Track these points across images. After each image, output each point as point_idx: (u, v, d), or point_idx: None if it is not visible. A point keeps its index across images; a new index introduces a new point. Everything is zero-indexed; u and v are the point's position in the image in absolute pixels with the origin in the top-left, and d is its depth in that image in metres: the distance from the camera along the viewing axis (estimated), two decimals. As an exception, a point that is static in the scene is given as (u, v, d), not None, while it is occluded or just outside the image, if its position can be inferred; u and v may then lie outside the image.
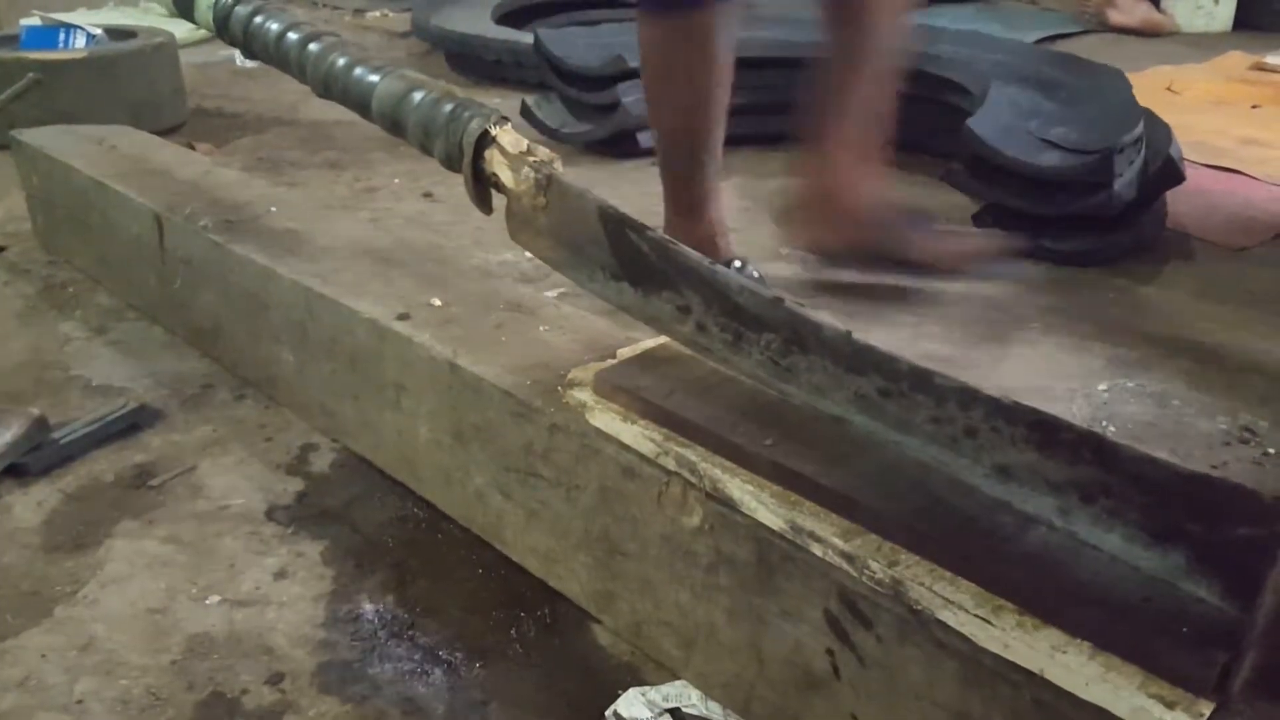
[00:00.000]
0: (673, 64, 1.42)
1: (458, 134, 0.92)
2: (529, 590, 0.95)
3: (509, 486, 0.93)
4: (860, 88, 1.46)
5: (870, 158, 1.50)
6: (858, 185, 1.48)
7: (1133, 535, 0.60)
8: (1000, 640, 0.60)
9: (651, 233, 0.80)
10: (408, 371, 1.00)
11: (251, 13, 1.16)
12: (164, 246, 1.34)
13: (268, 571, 0.98)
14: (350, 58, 1.05)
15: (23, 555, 1.00)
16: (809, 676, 0.72)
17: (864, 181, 1.49)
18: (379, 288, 1.09)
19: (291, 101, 2.68)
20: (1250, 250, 1.81)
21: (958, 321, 1.54)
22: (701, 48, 1.39)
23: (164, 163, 1.53)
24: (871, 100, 1.47)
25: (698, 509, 0.76)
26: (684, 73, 1.42)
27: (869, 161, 1.50)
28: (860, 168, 1.49)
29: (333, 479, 1.13)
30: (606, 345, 0.94)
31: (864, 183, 1.49)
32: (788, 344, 0.73)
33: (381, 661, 0.87)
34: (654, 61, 1.45)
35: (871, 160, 1.51)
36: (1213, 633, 0.56)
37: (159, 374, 1.33)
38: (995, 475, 0.64)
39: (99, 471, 1.13)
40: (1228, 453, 1.21)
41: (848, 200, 1.48)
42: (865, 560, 0.66)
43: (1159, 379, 1.38)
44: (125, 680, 0.85)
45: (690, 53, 1.40)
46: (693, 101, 1.43)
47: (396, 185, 2.11)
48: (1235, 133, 2.46)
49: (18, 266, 1.66)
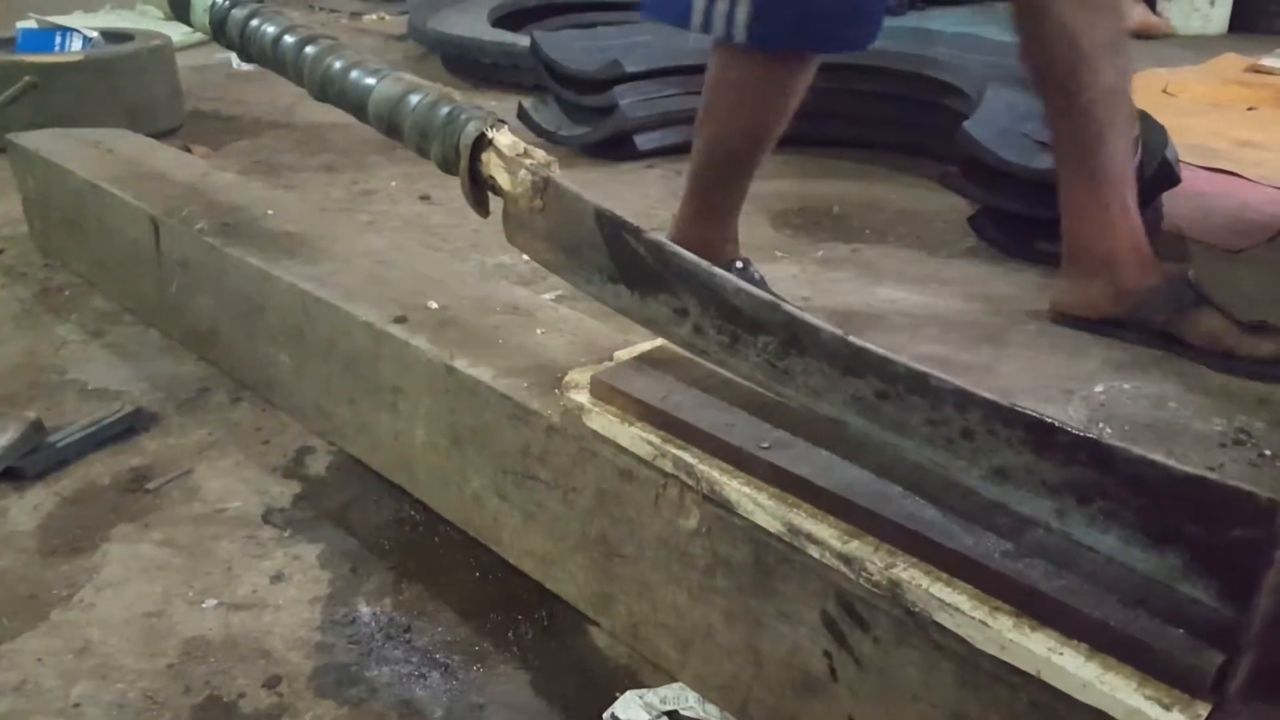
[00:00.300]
0: (756, 98, 1.43)
1: (454, 137, 0.91)
2: (526, 592, 0.95)
3: (506, 489, 0.93)
4: (1099, 145, 1.41)
5: (1127, 218, 1.44)
6: (1130, 252, 1.45)
7: (1129, 537, 0.60)
8: (997, 642, 0.60)
9: (648, 235, 0.80)
10: (405, 374, 1.00)
11: (248, 16, 1.16)
12: (160, 250, 1.34)
13: (264, 575, 0.98)
14: (347, 61, 1.05)
15: (19, 559, 1.00)
16: (806, 678, 0.72)
17: (1135, 249, 1.45)
18: (376, 290, 1.09)
19: (288, 104, 2.68)
20: (1246, 252, 1.82)
21: (954, 323, 1.54)
22: (787, 90, 1.42)
23: (160, 166, 1.53)
24: (1114, 154, 1.42)
25: (695, 511, 0.76)
26: (764, 107, 1.43)
27: (1127, 226, 1.44)
28: (1118, 235, 1.44)
29: (329, 482, 1.13)
30: (604, 347, 0.94)
31: (1135, 250, 1.45)
32: (785, 346, 0.73)
33: (379, 664, 0.87)
34: (735, 90, 1.44)
35: (1130, 222, 1.45)
36: (1209, 634, 0.56)
37: (155, 377, 1.33)
38: (992, 477, 0.64)
39: (95, 475, 1.13)
40: (1224, 454, 1.21)
41: (1124, 267, 1.45)
42: (862, 562, 0.66)
43: (1155, 381, 1.38)
44: (121, 684, 0.85)
45: (775, 94, 1.42)
46: (760, 132, 1.46)
47: (393, 188, 2.11)
48: (1231, 135, 2.47)
49: (14, 270, 1.66)
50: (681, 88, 2.30)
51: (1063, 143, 1.46)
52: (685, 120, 2.37)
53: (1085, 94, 1.38)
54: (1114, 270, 1.46)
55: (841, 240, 1.87)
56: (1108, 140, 1.41)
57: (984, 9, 4.11)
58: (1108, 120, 1.40)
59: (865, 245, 1.85)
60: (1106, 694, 0.56)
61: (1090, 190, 1.44)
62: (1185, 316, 1.42)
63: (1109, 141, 1.41)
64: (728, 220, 1.57)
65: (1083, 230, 1.47)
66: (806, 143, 2.36)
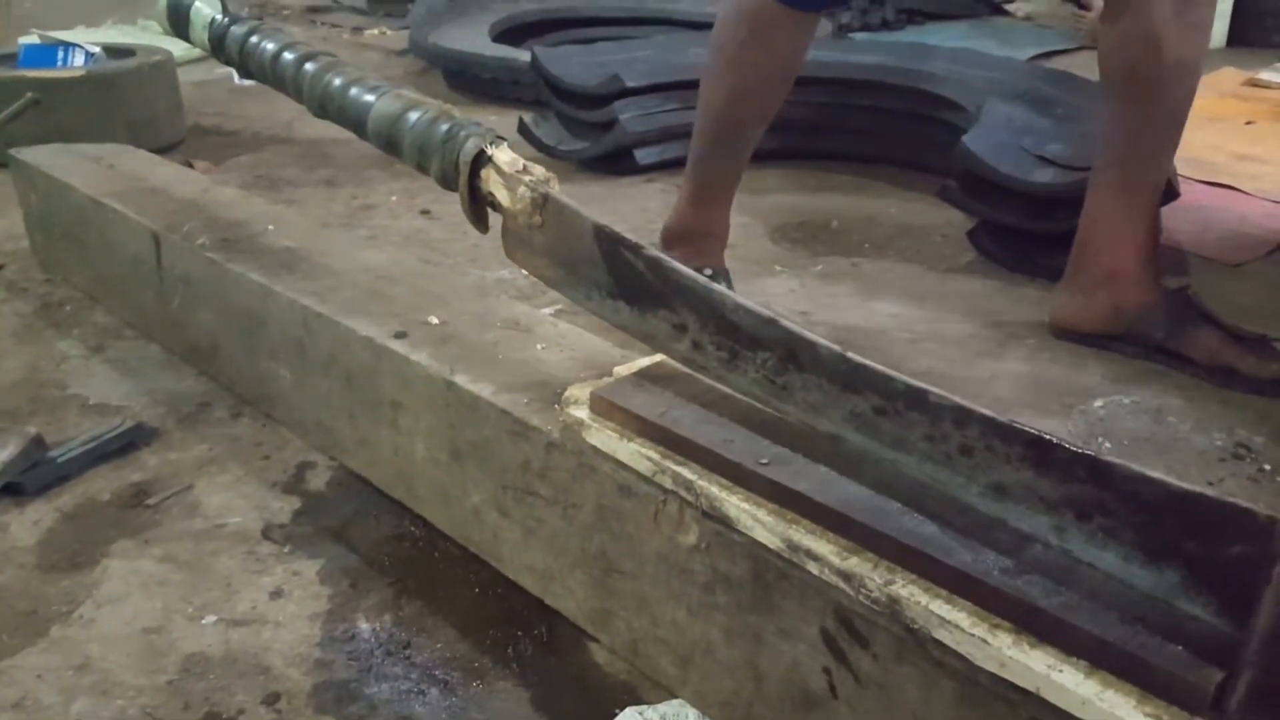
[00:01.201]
0: (749, 50, 1.43)
1: (453, 153, 0.92)
2: (526, 608, 0.95)
3: (506, 504, 0.93)
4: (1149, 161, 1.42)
5: (1141, 231, 1.44)
6: (1137, 269, 1.45)
7: (1128, 553, 0.60)
8: (996, 659, 0.60)
9: (647, 251, 0.80)
10: (405, 389, 1.00)
11: (247, 33, 1.17)
12: (161, 265, 1.34)
13: (264, 591, 0.98)
14: (346, 77, 1.05)
15: (19, 575, 1.00)
16: (806, 695, 0.72)
17: (1142, 267, 1.45)
18: (376, 306, 1.10)
19: (288, 119, 2.69)
20: (1245, 266, 1.82)
21: (954, 338, 1.54)
22: (773, 49, 1.42)
23: (161, 181, 1.53)
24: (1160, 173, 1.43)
25: (694, 527, 0.76)
26: (750, 65, 1.44)
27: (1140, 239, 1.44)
28: (1142, 251, 1.44)
29: (330, 497, 1.13)
30: (603, 363, 0.94)
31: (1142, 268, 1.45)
32: (783, 362, 0.73)
33: (378, 681, 0.87)
34: (724, 53, 1.45)
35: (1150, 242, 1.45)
36: (1208, 651, 0.56)
37: (156, 392, 1.33)
38: (990, 493, 0.65)
39: (95, 490, 1.13)
40: (1224, 469, 1.21)
41: (1126, 282, 1.45)
42: (862, 579, 0.66)
43: (1155, 395, 1.38)
44: (121, 700, 0.85)
45: (760, 52, 1.42)
46: (750, 97, 1.46)
47: (394, 203, 2.12)
48: (1229, 149, 2.48)
49: (15, 285, 1.66)
50: (682, 102, 2.30)
51: (1111, 152, 1.44)
52: (685, 135, 2.37)
53: (1154, 108, 1.36)
54: (1116, 285, 1.45)
55: (841, 255, 1.88)
56: (1160, 158, 1.41)
57: (982, 24, 4.13)
58: (1166, 137, 1.40)
59: (864, 260, 1.86)
60: (1106, 711, 0.56)
61: (1122, 203, 1.43)
62: (1185, 332, 1.42)
63: (1161, 159, 1.41)
64: (718, 209, 1.58)
65: (1098, 242, 1.46)
66: (805, 157, 2.37)
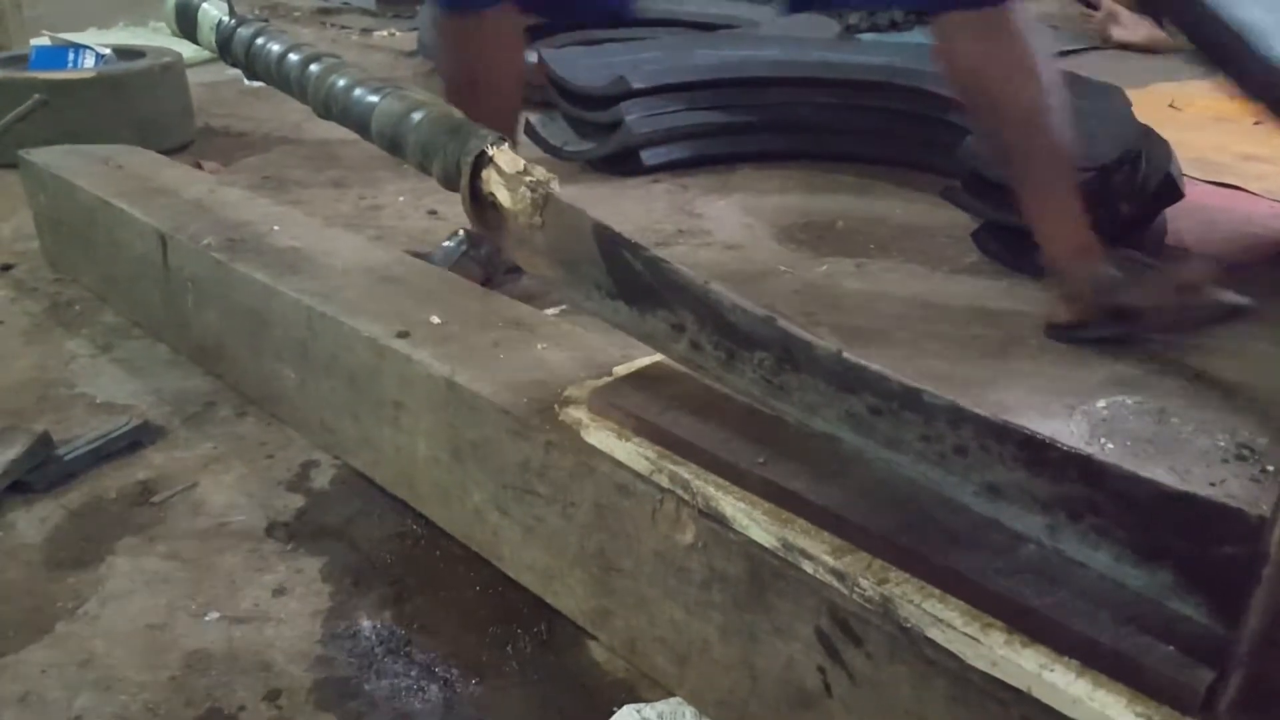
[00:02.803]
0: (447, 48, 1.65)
1: (456, 154, 0.92)
2: (525, 607, 0.95)
3: (506, 503, 0.94)
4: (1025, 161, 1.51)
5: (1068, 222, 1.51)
6: (1069, 255, 1.51)
7: (1120, 553, 0.60)
8: (988, 658, 0.60)
9: (646, 252, 0.81)
10: (406, 389, 1.01)
11: (253, 35, 1.18)
12: (168, 265, 1.35)
13: (267, 588, 0.99)
14: (350, 78, 1.06)
15: (25, 571, 1.01)
16: (801, 694, 0.72)
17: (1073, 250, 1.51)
18: (379, 305, 1.10)
19: (297, 121, 2.70)
20: (1250, 266, 1.81)
21: (958, 338, 1.54)
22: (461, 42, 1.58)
23: (169, 182, 1.54)
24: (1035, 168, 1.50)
25: (691, 526, 0.76)
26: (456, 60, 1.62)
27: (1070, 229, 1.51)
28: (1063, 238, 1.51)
29: (332, 496, 1.13)
30: (603, 363, 0.94)
31: (1073, 252, 1.51)
32: (780, 362, 0.73)
33: (378, 678, 0.88)
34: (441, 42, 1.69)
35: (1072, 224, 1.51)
36: (1199, 650, 0.56)
37: (162, 391, 1.34)
38: (984, 493, 0.65)
39: (102, 488, 1.14)
40: (1226, 470, 1.21)
41: (1070, 275, 1.51)
42: (855, 577, 0.66)
43: (1158, 396, 1.38)
44: (124, 696, 0.86)
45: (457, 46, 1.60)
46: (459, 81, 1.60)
47: (401, 203, 2.13)
48: (1236, 149, 2.47)
49: (25, 284, 1.68)
50: (688, 103, 2.31)
51: (997, 163, 1.60)
52: (691, 135, 2.39)
53: (999, 116, 1.48)
54: (1067, 272, 1.52)
55: (845, 255, 1.88)
56: (1032, 156, 1.49)
57: (990, 24, 4.11)
58: (1025, 138, 1.49)
59: (869, 260, 1.86)
60: (1097, 710, 0.56)
61: (1036, 200, 1.52)
62: (1138, 285, 1.47)
63: (1037, 158, 1.49)
64: None
65: (1042, 241, 1.55)
66: (810, 158, 2.37)
